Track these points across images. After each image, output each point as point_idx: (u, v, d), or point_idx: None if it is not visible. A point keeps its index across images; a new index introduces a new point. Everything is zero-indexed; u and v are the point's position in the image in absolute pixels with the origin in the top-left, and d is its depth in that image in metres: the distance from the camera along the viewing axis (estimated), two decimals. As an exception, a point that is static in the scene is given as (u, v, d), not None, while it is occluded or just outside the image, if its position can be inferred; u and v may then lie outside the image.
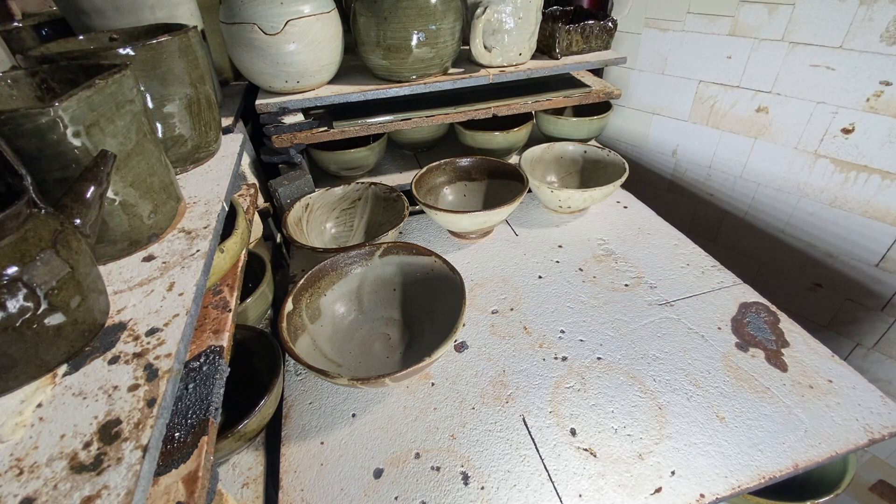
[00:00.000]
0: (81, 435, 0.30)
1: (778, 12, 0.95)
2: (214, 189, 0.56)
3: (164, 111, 0.55)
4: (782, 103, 1.01)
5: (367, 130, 0.89)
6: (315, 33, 0.75)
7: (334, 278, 0.66)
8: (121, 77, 0.41)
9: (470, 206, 0.93)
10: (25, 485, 0.27)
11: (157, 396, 0.32)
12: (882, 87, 0.88)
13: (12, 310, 0.29)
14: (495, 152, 1.02)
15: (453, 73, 0.88)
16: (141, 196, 0.44)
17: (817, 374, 0.59)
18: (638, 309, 0.70)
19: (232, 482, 0.55)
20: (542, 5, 0.88)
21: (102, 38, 0.60)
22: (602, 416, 0.56)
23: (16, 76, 0.44)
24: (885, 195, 0.93)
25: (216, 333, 0.48)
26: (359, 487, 0.51)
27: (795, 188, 1.05)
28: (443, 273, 0.63)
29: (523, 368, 0.62)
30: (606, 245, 0.84)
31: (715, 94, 1.10)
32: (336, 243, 0.88)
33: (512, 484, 0.50)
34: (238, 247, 0.58)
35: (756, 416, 0.55)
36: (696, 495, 0.48)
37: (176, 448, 0.37)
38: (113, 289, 0.41)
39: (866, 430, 0.53)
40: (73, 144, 0.37)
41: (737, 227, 1.20)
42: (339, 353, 0.62)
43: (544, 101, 0.96)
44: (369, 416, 0.58)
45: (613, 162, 0.91)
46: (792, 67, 0.97)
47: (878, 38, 0.85)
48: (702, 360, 0.62)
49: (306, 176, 0.88)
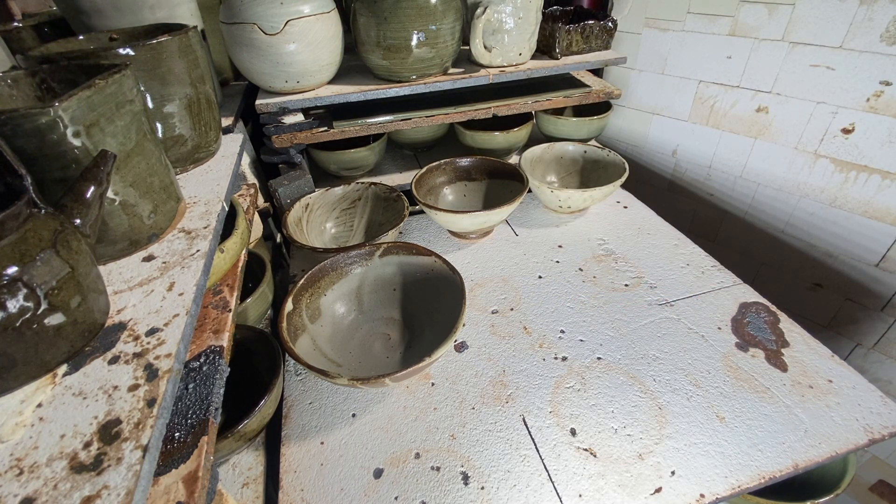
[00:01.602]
0: (81, 435, 0.30)
1: (778, 12, 0.95)
2: (214, 189, 0.56)
3: (164, 111, 0.55)
4: (782, 103, 1.01)
5: (367, 130, 0.89)
6: (315, 33, 0.75)
7: (334, 278, 0.66)
8: (121, 77, 0.41)
9: (470, 206, 0.93)
10: (25, 485, 0.27)
11: (157, 396, 0.32)
12: (882, 87, 0.88)
13: (12, 310, 0.29)
14: (495, 152, 1.02)
15: (453, 73, 0.88)
16: (141, 196, 0.44)
17: (817, 374, 0.59)
18: (638, 309, 0.70)
19: (232, 482, 0.55)
20: (542, 5, 0.88)
21: (102, 38, 0.60)
22: (602, 416, 0.56)
23: (16, 76, 0.44)
24: (885, 195, 0.93)
25: (216, 333, 0.48)
26: (359, 487, 0.51)
27: (795, 188, 1.05)
28: (443, 273, 0.63)
29: (523, 368, 0.62)
30: (606, 245, 0.84)
31: (715, 94, 1.10)
32: (336, 243, 0.88)
33: (512, 484, 0.50)
34: (238, 247, 0.58)
35: (756, 416, 0.55)
36: (696, 495, 0.48)
37: (176, 448, 0.37)
38: (113, 289, 0.41)
39: (866, 430, 0.53)
40: (73, 144, 0.37)
41: (737, 227, 1.20)
42: (339, 353, 0.62)
43: (544, 101, 0.96)
44: (369, 416, 0.58)
45: (613, 162, 0.91)
46: (792, 67, 0.97)
47: (878, 38, 0.85)
48: (702, 360, 0.62)
49: (306, 176, 0.88)
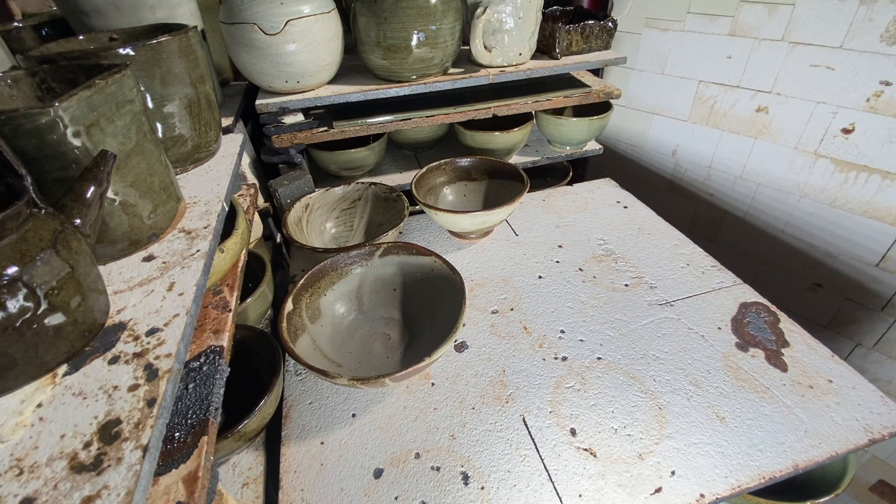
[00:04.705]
0: (81, 435, 0.30)
1: (778, 12, 0.95)
2: (214, 189, 0.56)
3: (164, 111, 0.55)
4: (782, 103, 1.01)
5: (367, 130, 0.89)
6: (315, 33, 0.75)
7: (334, 278, 0.66)
8: (121, 77, 0.41)
9: (470, 206, 0.93)
10: (25, 485, 0.27)
11: (157, 396, 0.32)
12: (882, 87, 0.88)
13: (12, 310, 0.29)
14: (495, 152, 1.02)
15: (453, 73, 0.88)
16: (141, 196, 0.44)
17: (817, 374, 0.59)
18: (638, 309, 0.70)
19: (232, 482, 0.55)
20: (542, 5, 0.88)
21: (102, 38, 0.60)
22: (602, 416, 0.56)
23: (16, 76, 0.44)
24: (885, 195, 0.93)
25: (216, 333, 0.48)
26: (359, 487, 0.51)
27: (795, 188, 1.05)
28: (443, 273, 0.63)
29: (523, 368, 0.62)
30: (606, 245, 0.84)
31: (715, 94, 1.10)
32: (336, 243, 0.88)
33: (512, 484, 0.50)
34: (238, 247, 0.58)
35: (756, 416, 0.55)
36: (696, 495, 0.48)
37: (176, 448, 0.37)
38: (113, 289, 0.41)
39: (866, 430, 0.53)
40: (73, 144, 0.37)
41: (737, 227, 1.20)
42: (339, 353, 0.62)
43: (544, 101, 0.96)
44: (369, 416, 0.58)
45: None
46: (792, 67, 0.97)
47: (878, 38, 0.85)
48: (702, 360, 0.62)
49: (306, 176, 0.88)
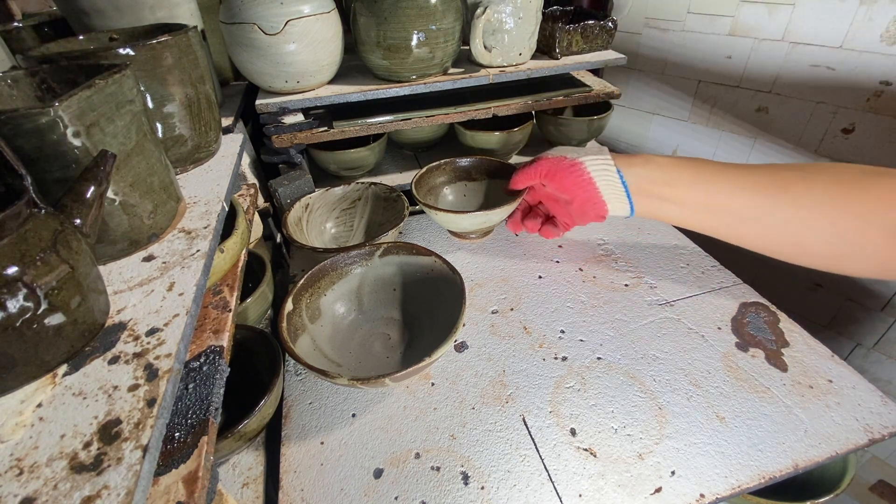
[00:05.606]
0: (81, 435, 0.30)
1: (778, 12, 0.95)
2: (214, 189, 0.56)
3: (164, 111, 0.55)
4: (782, 103, 1.01)
5: (367, 130, 0.89)
6: (315, 33, 0.75)
7: (334, 278, 0.66)
8: (121, 77, 0.41)
9: (470, 206, 0.93)
10: (25, 485, 0.27)
11: (157, 396, 0.32)
12: (882, 87, 0.88)
13: (12, 310, 0.29)
14: (495, 152, 1.02)
15: (453, 73, 0.88)
16: (141, 196, 0.44)
17: (817, 374, 0.59)
18: (638, 309, 0.70)
19: (232, 482, 0.55)
20: (542, 5, 0.88)
21: (102, 38, 0.60)
22: (602, 416, 0.56)
23: (16, 76, 0.44)
24: (885, 195, 0.93)
25: (216, 333, 0.48)
26: (359, 487, 0.51)
27: (795, 188, 1.05)
28: (443, 273, 0.63)
29: (523, 368, 0.62)
30: (606, 245, 0.84)
31: (715, 94, 1.10)
32: (336, 243, 0.88)
33: (512, 484, 0.50)
34: (238, 247, 0.58)
35: (756, 416, 0.55)
36: (696, 495, 0.48)
37: (176, 448, 0.37)
38: (113, 289, 0.41)
39: (866, 430, 0.53)
40: (73, 144, 0.37)
41: (737, 227, 1.19)
42: (339, 353, 0.62)
43: (544, 101, 0.96)
44: (369, 416, 0.58)
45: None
46: (792, 67, 0.97)
47: (878, 38, 0.85)
48: (702, 360, 0.62)
49: (306, 176, 0.88)
